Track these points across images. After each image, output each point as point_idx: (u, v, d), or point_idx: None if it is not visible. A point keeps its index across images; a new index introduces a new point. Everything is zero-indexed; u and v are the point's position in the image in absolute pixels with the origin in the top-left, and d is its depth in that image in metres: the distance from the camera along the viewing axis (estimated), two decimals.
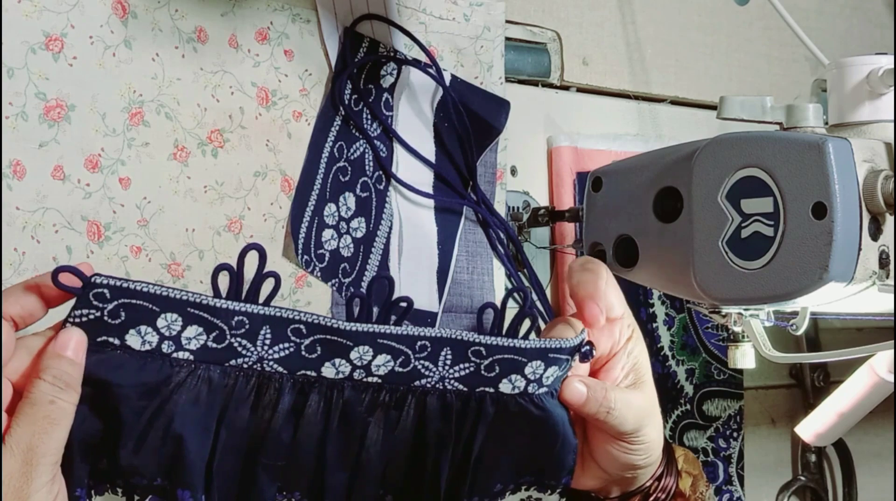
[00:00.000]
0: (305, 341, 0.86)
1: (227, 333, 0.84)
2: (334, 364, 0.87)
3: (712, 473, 1.42)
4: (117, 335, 0.80)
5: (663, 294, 1.37)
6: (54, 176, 0.96)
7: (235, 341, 0.84)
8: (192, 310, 0.82)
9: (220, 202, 1.06)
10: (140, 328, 0.81)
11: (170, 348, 0.82)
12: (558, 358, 0.88)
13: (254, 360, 0.85)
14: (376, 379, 0.88)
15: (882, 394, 1.32)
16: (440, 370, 0.88)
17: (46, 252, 0.95)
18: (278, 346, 0.85)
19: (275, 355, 0.86)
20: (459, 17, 1.22)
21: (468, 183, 1.21)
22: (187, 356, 0.83)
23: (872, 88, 1.05)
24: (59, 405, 0.78)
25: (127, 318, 0.81)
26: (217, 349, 0.84)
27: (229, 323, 0.83)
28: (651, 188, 1.07)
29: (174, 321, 0.82)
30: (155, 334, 0.82)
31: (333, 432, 0.88)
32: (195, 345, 0.83)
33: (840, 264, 0.94)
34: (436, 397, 0.89)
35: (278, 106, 1.10)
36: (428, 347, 0.88)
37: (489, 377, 0.89)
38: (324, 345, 0.86)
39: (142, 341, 0.82)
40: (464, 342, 0.88)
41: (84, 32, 0.98)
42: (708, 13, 1.50)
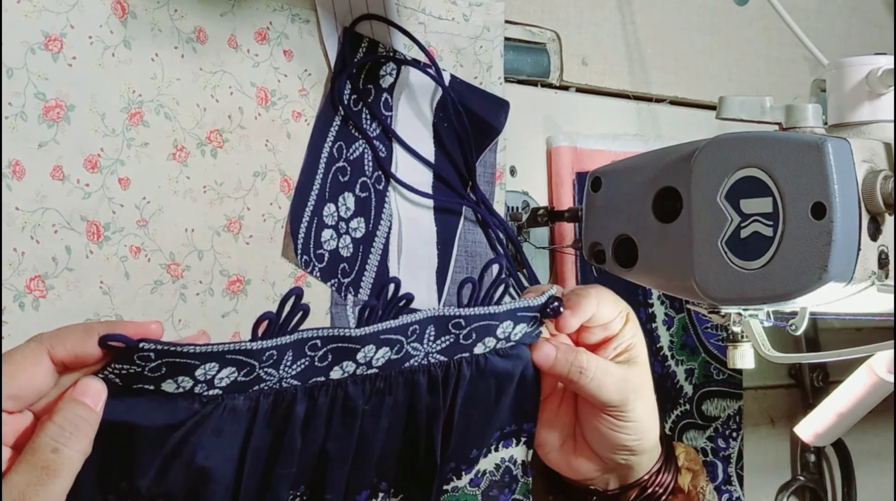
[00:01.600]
0: (320, 352, 0.87)
1: (258, 367, 0.84)
2: (342, 367, 0.89)
3: (712, 473, 1.42)
4: (154, 383, 0.80)
5: (663, 294, 1.37)
6: (54, 176, 0.96)
7: (263, 371, 0.84)
8: (230, 356, 0.82)
9: (220, 202, 1.06)
10: (178, 378, 0.80)
11: (202, 389, 0.82)
12: (526, 316, 0.91)
13: (274, 381, 0.85)
14: (374, 371, 0.90)
15: (881, 394, 1.32)
16: (425, 347, 0.91)
17: (46, 252, 0.95)
18: (297, 364, 0.86)
19: (293, 372, 0.86)
20: (459, 18, 1.22)
21: (467, 183, 1.21)
22: (217, 393, 0.82)
23: (871, 88, 1.05)
24: (63, 453, 0.72)
25: (167, 372, 0.79)
26: (245, 381, 0.84)
27: (260, 359, 0.83)
28: (650, 188, 1.07)
29: (211, 368, 0.81)
30: (190, 381, 0.81)
31: (335, 429, 0.89)
32: (226, 383, 0.83)
33: (839, 264, 0.94)
34: (422, 374, 0.92)
35: (277, 106, 1.10)
36: (417, 330, 0.90)
37: (466, 344, 0.91)
38: (335, 353, 0.87)
39: (176, 386, 0.80)
40: (445, 317, 0.91)
41: (83, 33, 0.98)
42: (707, 13, 1.50)
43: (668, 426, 1.38)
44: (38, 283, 0.95)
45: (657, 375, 1.37)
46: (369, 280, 1.14)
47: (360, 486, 0.92)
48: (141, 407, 0.80)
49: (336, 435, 0.90)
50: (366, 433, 0.91)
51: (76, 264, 0.97)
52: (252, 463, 0.87)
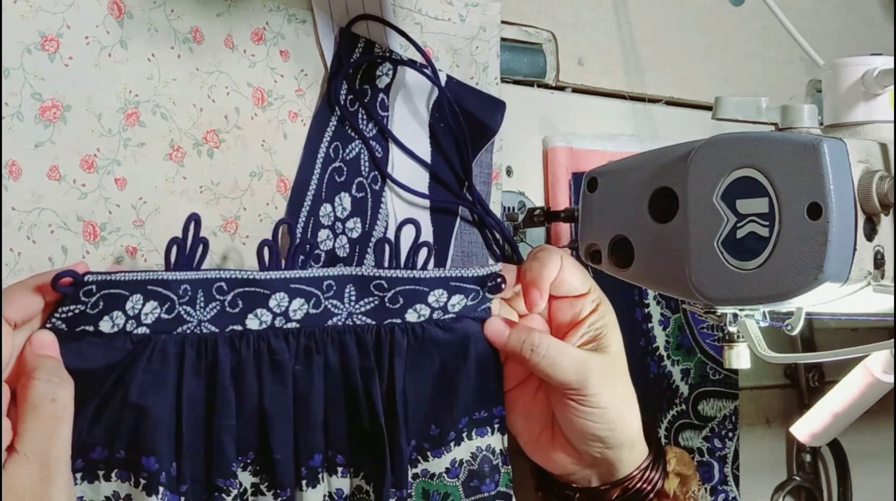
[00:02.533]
0: (228, 296, 0.91)
1: (176, 302, 0.88)
2: (257, 315, 0.92)
3: (708, 473, 1.42)
4: (93, 322, 0.83)
5: (659, 295, 1.37)
6: (50, 176, 0.96)
7: (182, 309, 0.88)
8: (150, 287, 0.86)
9: (216, 203, 1.06)
10: (112, 313, 0.85)
11: (132, 326, 0.86)
12: (463, 287, 0.94)
13: (194, 324, 0.89)
14: (295, 324, 0.93)
15: (877, 394, 1.32)
16: (347, 306, 0.93)
17: (42, 253, 0.95)
18: (209, 306, 0.90)
19: (208, 316, 0.90)
20: (455, 18, 1.22)
21: (464, 183, 1.21)
22: (144, 331, 0.87)
23: (867, 88, 1.05)
24: (60, 401, 0.78)
25: (104, 306, 0.85)
26: (168, 319, 0.88)
27: (177, 293, 0.88)
28: (646, 189, 1.07)
29: (137, 300, 0.86)
30: (122, 316, 0.85)
31: (268, 385, 0.92)
32: (151, 319, 0.87)
33: (835, 264, 0.94)
34: (349, 334, 0.94)
35: (274, 106, 1.10)
36: (333, 285, 0.93)
37: (394, 309, 0.94)
38: (244, 298, 0.91)
39: (112, 324, 0.86)
40: (365, 277, 0.94)
41: (80, 33, 0.98)
42: (703, 14, 1.50)
43: (664, 427, 1.38)
44: None
45: (653, 375, 1.37)
46: None
47: (311, 449, 0.94)
48: (84, 353, 0.85)
49: (270, 392, 0.92)
50: (302, 394, 0.93)
51: (72, 265, 0.97)
52: (189, 411, 0.90)
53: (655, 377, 1.38)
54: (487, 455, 0.97)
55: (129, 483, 0.87)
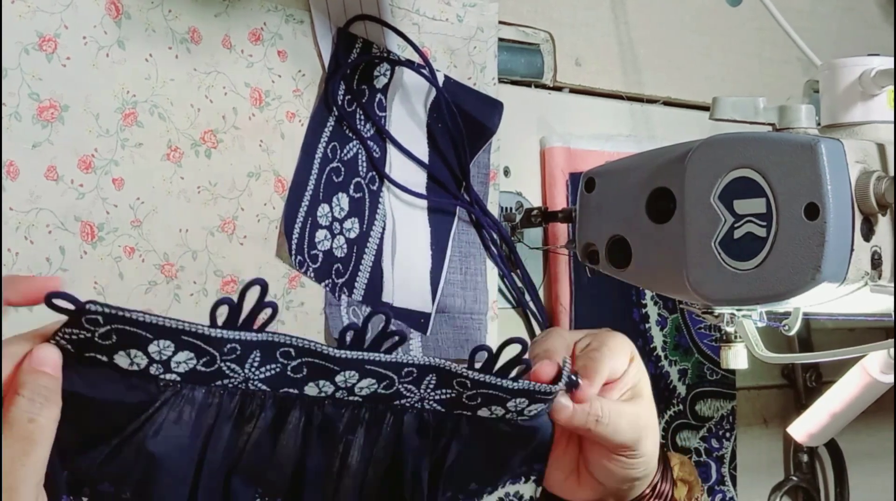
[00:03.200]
0: (293, 362, 0.85)
1: (218, 358, 0.82)
2: (318, 384, 0.87)
3: (705, 473, 1.42)
4: (106, 354, 0.79)
5: (656, 295, 1.37)
6: (48, 177, 0.96)
7: (224, 365, 0.83)
8: (186, 338, 0.81)
9: (214, 203, 1.06)
10: (130, 351, 0.79)
11: (158, 370, 0.81)
12: (545, 397, 0.89)
13: (239, 380, 0.84)
14: (358, 399, 0.88)
15: (874, 394, 1.32)
16: (421, 392, 0.88)
17: (40, 253, 0.95)
18: (265, 367, 0.84)
19: (261, 375, 0.85)
20: (452, 18, 1.22)
21: (461, 184, 1.21)
22: (174, 378, 0.81)
23: (865, 89, 1.05)
24: (39, 423, 0.74)
25: (118, 341, 0.78)
26: (205, 372, 0.82)
27: (221, 350, 0.82)
28: (644, 189, 1.07)
29: (166, 347, 0.80)
30: (145, 357, 0.80)
31: (313, 446, 0.88)
32: (184, 369, 0.81)
33: (832, 264, 0.94)
34: (413, 415, 0.89)
35: (272, 107, 1.10)
36: (414, 372, 0.88)
37: (469, 404, 0.89)
38: (310, 367, 0.85)
39: (130, 361, 0.79)
40: (450, 372, 0.88)
41: (77, 33, 0.98)
42: (700, 14, 1.50)
43: (661, 427, 1.38)
44: None
45: (651, 375, 1.37)
46: (363, 281, 1.14)
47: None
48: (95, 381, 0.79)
49: (314, 451, 0.88)
50: (350, 462, 0.89)
51: (70, 265, 0.97)
52: (213, 462, 0.85)
53: (653, 378, 1.37)
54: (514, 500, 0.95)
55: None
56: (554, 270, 1.31)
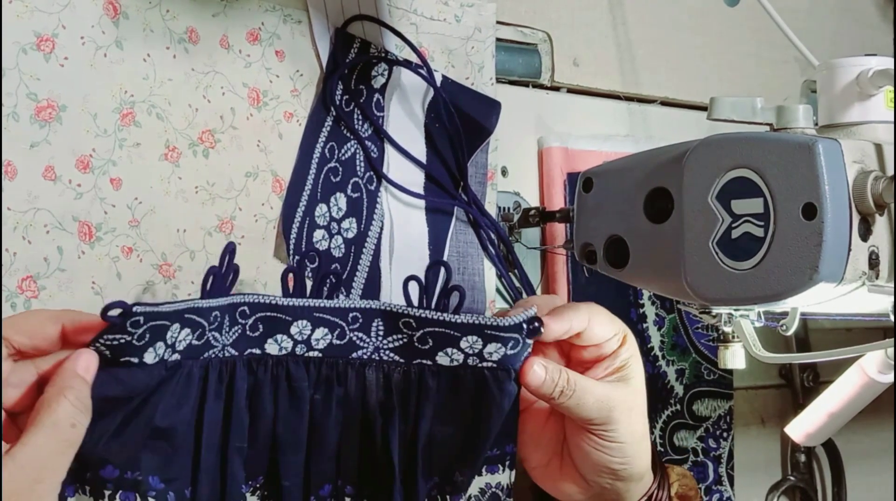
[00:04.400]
0: (249, 320, 0.89)
1: (207, 329, 0.86)
2: (277, 340, 0.91)
3: (702, 473, 1.42)
4: (138, 354, 0.82)
5: (654, 295, 1.37)
6: (45, 176, 0.96)
7: (210, 335, 0.87)
8: (187, 316, 0.84)
9: (212, 203, 1.06)
10: (156, 344, 0.83)
11: (168, 354, 0.84)
12: (500, 336, 0.90)
13: (219, 349, 0.88)
14: (317, 354, 0.91)
15: (872, 394, 1.33)
16: (373, 340, 0.91)
17: (38, 253, 0.95)
18: (231, 330, 0.89)
19: (230, 340, 0.89)
20: (450, 18, 1.22)
21: (459, 184, 1.21)
22: (177, 357, 0.85)
23: (862, 89, 1.05)
24: (78, 429, 0.77)
25: (150, 338, 0.82)
26: (198, 345, 0.86)
27: (208, 319, 0.86)
28: (642, 189, 1.07)
29: (175, 329, 0.83)
30: (163, 345, 0.83)
31: (283, 411, 0.91)
32: (183, 346, 0.85)
33: (830, 264, 0.94)
34: (373, 369, 0.92)
35: (269, 107, 1.10)
36: (359, 318, 0.91)
37: (423, 349, 0.91)
38: (265, 322, 0.90)
39: (154, 355, 0.83)
40: (392, 312, 0.91)
41: (75, 33, 0.98)
42: (698, 14, 1.50)
43: (658, 427, 1.38)
44: (29, 283, 0.95)
45: (648, 375, 1.37)
46: (361, 281, 1.14)
47: (322, 479, 0.93)
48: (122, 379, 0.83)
49: (285, 418, 0.91)
50: (318, 424, 0.92)
51: (68, 265, 0.97)
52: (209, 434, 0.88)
53: (650, 378, 1.38)
54: (497, 493, 0.96)
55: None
56: (552, 270, 1.31)
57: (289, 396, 0.91)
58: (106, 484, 0.85)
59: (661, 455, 1.37)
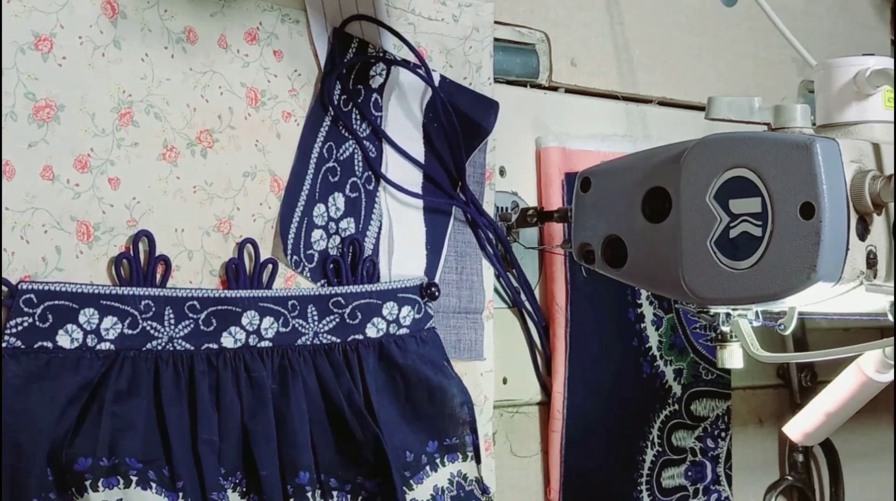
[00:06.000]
0: (202, 315, 0.95)
1: (139, 318, 0.91)
2: (231, 333, 0.96)
3: (700, 473, 1.42)
4: (49, 338, 0.86)
5: (651, 295, 1.37)
6: (43, 176, 0.96)
7: (146, 324, 0.91)
8: (104, 302, 0.88)
9: (210, 202, 1.05)
10: (67, 327, 0.88)
11: (93, 341, 0.89)
12: (409, 298, 1.00)
13: (165, 341, 0.92)
14: (268, 343, 0.97)
15: (869, 394, 1.33)
16: (312, 325, 0.98)
17: (35, 252, 0.95)
18: (181, 323, 0.93)
19: (181, 333, 0.93)
20: (448, 18, 1.22)
21: (457, 183, 1.21)
22: (108, 347, 0.89)
23: (860, 88, 1.05)
24: None
25: (54, 320, 0.88)
26: (133, 334, 0.91)
27: (138, 308, 0.91)
28: (639, 189, 1.07)
29: (92, 315, 0.88)
30: (79, 330, 0.88)
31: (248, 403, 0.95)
32: (113, 335, 0.90)
33: (828, 264, 0.94)
34: (320, 355, 0.99)
35: (267, 106, 1.10)
36: (297, 306, 0.98)
37: (354, 324, 0.98)
38: (217, 316, 0.95)
39: (70, 339, 0.88)
40: (323, 296, 0.99)
41: (73, 33, 0.98)
42: (695, 14, 1.50)
43: (656, 426, 1.38)
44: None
45: (646, 375, 1.38)
46: None
47: (295, 467, 0.96)
48: (48, 372, 0.88)
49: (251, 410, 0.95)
50: (281, 413, 0.96)
51: (66, 265, 0.97)
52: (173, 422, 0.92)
53: (648, 377, 1.38)
54: (460, 481, 1.00)
55: (118, 487, 0.88)
56: (550, 269, 1.31)
57: (251, 387, 0.96)
58: (83, 477, 0.87)
59: (659, 454, 1.37)
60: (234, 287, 0.96)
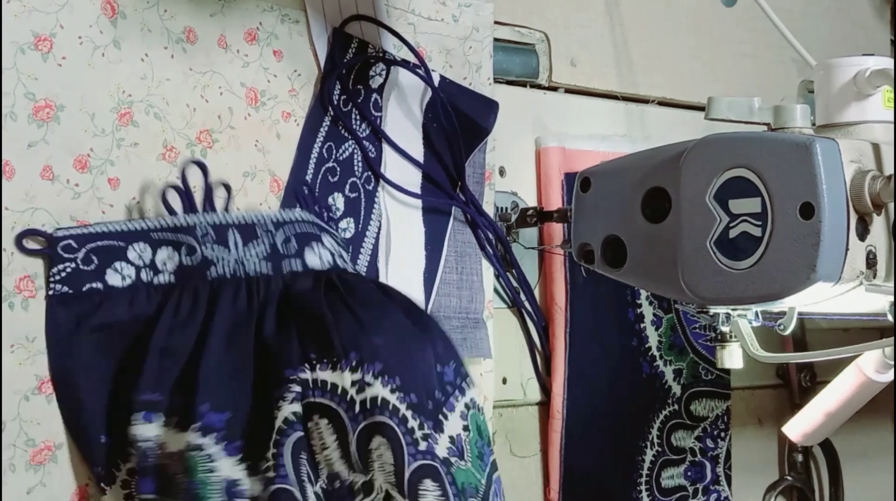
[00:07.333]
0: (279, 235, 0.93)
1: (197, 245, 0.89)
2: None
3: (700, 473, 1.42)
4: (98, 278, 0.83)
5: (651, 295, 1.37)
6: (43, 176, 0.96)
7: (209, 249, 0.89)
8: (157, 235, 0.85)
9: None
10: (115, 265, 0.83)
11: (148, 275, 0.86)
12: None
13: (230, 264, 0.89)
14: None
15: (869, 394, 1.33)
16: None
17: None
18: (256, 243, 0.91)
19: (258, 254, 0.90)
20: (448, 18, 1.22)
21: (457, 184, 1.21)
22: (168, 279, 0.87)
23: (859, 89, 1.05)
24: None
25: (100, 261, 0.85)
26: (193, 266, 0.88)
27: (195, 236, 0.88)
28: (639, 189, 1.07)
29: (143, 250, 0.85)
30: (130, 266, 0.84)
31: None
32: (172, 267, 0.87)
33: (827, 264, 0.95)
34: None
35: (267, 106, 1.10)
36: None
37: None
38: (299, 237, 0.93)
39: (122, 277, 0.85)
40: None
41: (73, 32, 0.98)
42: (695, 15, 1.51)
43: (656, 427, 1.38)
44: (27, 283, 0.95)
45: (645, 375, 1.38)
46: None
47: None
48: (103, 305, 0.85)
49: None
50: None
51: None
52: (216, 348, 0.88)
53: (648, 377, 1.38)
54: None
55: None
56: (549, 269, 1.31)
57: None
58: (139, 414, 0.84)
59: (658, 454, 1.38)
60: None
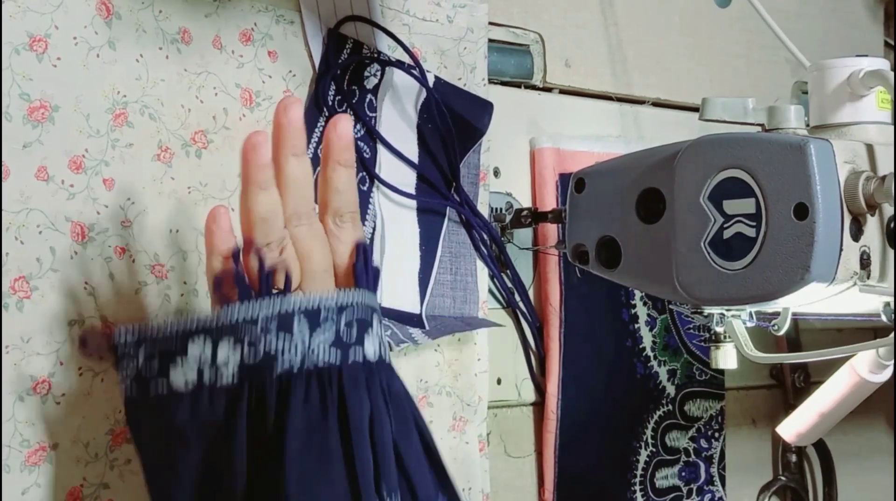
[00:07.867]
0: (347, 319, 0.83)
1: (260, 337, 0.79)
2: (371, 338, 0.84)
3: (694, 473, 1.43)
4: (163, 385, 0.80)
5: (645, 295, 1.38)
6: (38, 177, 0.96)
7: (270, 343, 0.79)
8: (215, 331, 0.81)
9: (204, 203, 1.05)
10: (177, 360, 0.80)
11: (210, 377, 0.80)
12: None
13: (299, 352, 0.80)
14: None
15: (863, 394, 1.33)
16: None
17: (30, 253, 0.95)
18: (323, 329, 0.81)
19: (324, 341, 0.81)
20: (443, 19, 1.22)
21: (451, 184, 1.22)
22: (229, 380, 0.80)
23: (853, 89, 1.06)
24: None
25: (161, 361, 0.81)
26: (254, 365, 0.80)
27: (254, 331, 0.79)
28: (633, 189, 1.07)
29: (204, 344, 0.80)
30: (193, 364, 0.80)
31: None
32: (233, 365, 0.79)
33: (821, 264, 0.95)
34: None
35: (262, 107, 1.10)
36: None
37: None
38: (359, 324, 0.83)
39: (184, 379, 0.81)
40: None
41: (68, 33, 0.98)
42: (689, 15, 1.51)
43: (650, 427, 1.38)
44: (22, 284, 0.95)
45: (640, 376, 1.38)
46: None
47: None
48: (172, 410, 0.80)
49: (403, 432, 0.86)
50: None
51: (61, 265, 0.97)
52: None
53: (642, 378, 1.38)
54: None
55: None
56: (543, 270, 1.31)
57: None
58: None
59: (653, 454, 1.38)
60: None
